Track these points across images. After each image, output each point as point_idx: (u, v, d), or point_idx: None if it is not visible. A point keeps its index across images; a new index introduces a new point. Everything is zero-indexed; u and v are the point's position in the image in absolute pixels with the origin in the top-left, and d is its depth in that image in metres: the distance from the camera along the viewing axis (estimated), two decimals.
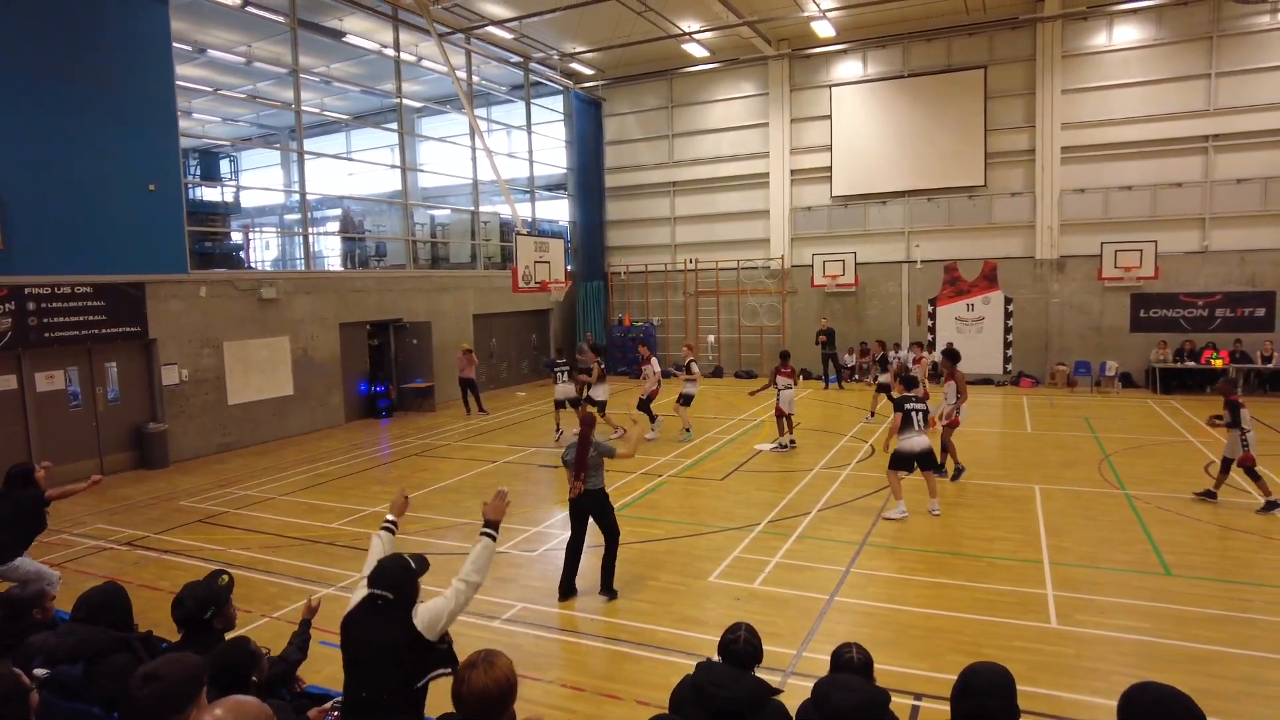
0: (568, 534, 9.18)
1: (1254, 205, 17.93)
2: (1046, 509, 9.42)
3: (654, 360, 14.63)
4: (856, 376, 19.71)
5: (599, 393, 14.08)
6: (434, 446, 14.15)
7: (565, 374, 14.36)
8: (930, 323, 20.94)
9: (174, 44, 13.61)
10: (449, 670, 3.28)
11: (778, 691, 2.92)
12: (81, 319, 12.13)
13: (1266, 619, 6.31)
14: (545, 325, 23.54)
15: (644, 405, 14.15)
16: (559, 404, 14.45)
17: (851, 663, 2.99)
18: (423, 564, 3.40)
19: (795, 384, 13.36)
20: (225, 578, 3.45)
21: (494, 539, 3.69)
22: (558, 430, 14.41)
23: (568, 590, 7.09)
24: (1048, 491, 10.15)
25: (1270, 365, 17.45)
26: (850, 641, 3.12)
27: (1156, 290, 18.70)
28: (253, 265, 21.62)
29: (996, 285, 20.23)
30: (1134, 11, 18.45)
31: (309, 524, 9.59)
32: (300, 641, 3.77)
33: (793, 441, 13.13)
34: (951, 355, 11.13)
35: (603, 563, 7.10)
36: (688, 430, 14.19)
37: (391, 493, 10.83)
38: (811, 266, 21.72)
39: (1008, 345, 20.22)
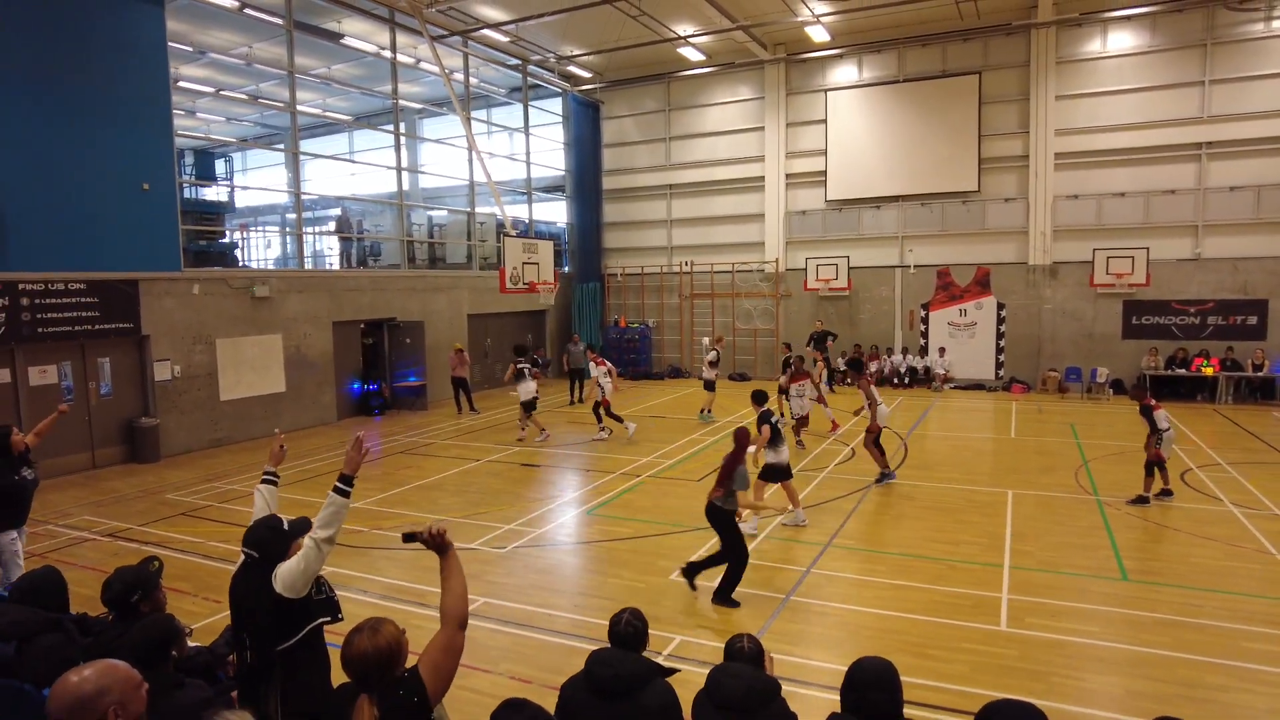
0: (538, 531, 9.34)
1: (1246, 213, 17.90)
2: (1016, 513, 9.48)
3: (593, 366, 15.11)
4: (849, 381, 19.76)
5: (522, 392, 14.38)
6: (422, 445, 14.31)
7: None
8: (923, 327, 21.00)
9: (174, 45, 13.85)
10: (330, 619, 3.44)
11: (669, 672, 3.05)
12: (75, 315, 12.37)
13: (1214, 624, 6.38)
14: (541, 326, 23.72)
15: (605, 411, 14.49)
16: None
17: (742, 652, 3.12)
18: (300, 525, 3.49)
19: (783, 389, 13.53)
20: (156, 563, 3.59)
21: (346, 495, 3.40)
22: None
23: (687, 572, 7.19)
24: (1020, 496, 10.22)
25: (1261, 373, 17.43)
26: (743, 633, 3.25)
27: (1149, 297, 18.69)
28: (250, 264, 21.90)
29: (989, 291, 20.26)
30: (1128, 18, 18.46)
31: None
32: (231, 637, 3.87)
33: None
34: (855, 365, 11.44)
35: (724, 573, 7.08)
36: (707, 412, 16.26)
37: (373, 489, 11.07)
38: (805, 270, 21.81)
39: (1000, 351, 20.25)
